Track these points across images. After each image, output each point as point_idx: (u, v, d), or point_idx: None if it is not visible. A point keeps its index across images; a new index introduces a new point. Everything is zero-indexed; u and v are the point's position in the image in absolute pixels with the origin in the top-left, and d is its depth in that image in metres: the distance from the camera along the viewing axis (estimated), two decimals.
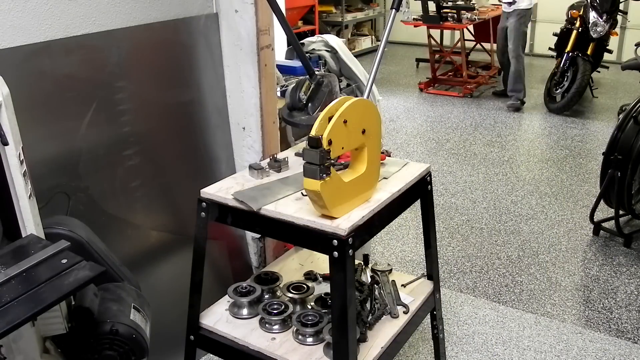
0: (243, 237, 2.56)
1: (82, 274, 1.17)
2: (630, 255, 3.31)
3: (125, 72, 2.02)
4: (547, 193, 4.11)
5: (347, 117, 1.51)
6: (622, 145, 3.25)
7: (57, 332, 1.32)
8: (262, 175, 1.91)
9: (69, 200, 1.87)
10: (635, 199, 3.41)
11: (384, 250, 3.41)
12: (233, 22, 2.28)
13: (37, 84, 1.77)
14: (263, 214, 1.69)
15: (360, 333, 1.85)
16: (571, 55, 5.69)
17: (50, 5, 1.77)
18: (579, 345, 2.57)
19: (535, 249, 3.38)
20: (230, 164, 2.49)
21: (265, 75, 2.32)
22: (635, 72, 4.38)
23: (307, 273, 2.22)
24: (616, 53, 7.32)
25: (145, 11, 2.05)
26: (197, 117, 2.33)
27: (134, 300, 1.50)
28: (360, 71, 2.84)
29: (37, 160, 1.74)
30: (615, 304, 2.88)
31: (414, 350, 2.53)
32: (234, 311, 2.01)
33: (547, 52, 6.22)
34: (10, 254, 1.22)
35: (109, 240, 1.69)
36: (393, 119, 5.80)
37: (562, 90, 5.75)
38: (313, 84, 2.02)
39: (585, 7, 5.77)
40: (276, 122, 2.45)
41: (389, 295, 2.08)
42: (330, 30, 8.01)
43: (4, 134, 1.20)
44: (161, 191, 2.23)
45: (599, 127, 5.48)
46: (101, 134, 1.97)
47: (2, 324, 1.02)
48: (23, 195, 1.28)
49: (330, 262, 1.58)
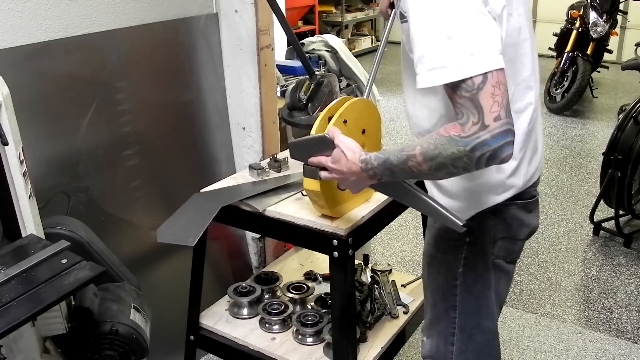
0: (243, 237, 2.56)
1: (82, 274, 1.17)
2: (630, 255, 3.31)
3: (125, 72, 2.02)
4: (547, 193, 4.11)
5: (347, 117, 1.50)
6: (622, 145, 3.25)
7: (57, 332, 1.32)
8: (262, 175, 1.91)
9: (69, 200, 1.87)
10: (635, 199, 3.41)
11: (384, 250, 3.41)
12: (233, 22, 2.28)
13: (37, 84, 1.77)
14: (263, 214, 1.69)
15: (360, 333, 1.85)
16: (571, 55, 5.69)
17: (50, 5, 1.77)
18: (579, 345, 2.57)
19: (535, 249, 3.38)
20: (230, 164, 2.49)
21: (265, 75, 2.32)
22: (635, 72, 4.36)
23: (307, 273, 2.22)
24: (616, 53, 7.31)
25: (145, 11, 2.05)
26: (197, 117, 2.33)
27: (134, 300, 1.50)
28: (360, 71, 2.84)
29: (37, 160, 1.74)
30: (615, 304, 2.88)
31: (414, 350, 2.53)
32: (234, 311, 2.01)
33: (547, 52, 6.22)
34: (10, 254, 1.22)
35: (109, 240, 1.69)
36: (393, 119, 5.79)
37: (562, 90, 5.75)
38: (313, 84, 2.02)
39: (585, 7, 5.76)
40: (276, 122, 2.45)
41: (389, 295, 2.08)
42: (330, 30, 8.00)
43: (4, 134, 1.20)
44: (161, 191, 2.23)
45: (599, 127, 5.48)
46: (101, 134, 1.97)
47: (2, 324, 1.02)
48: (23, 195, 1.28)
49: (330, 262, 1.58)
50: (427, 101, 1.31)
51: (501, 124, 1.06)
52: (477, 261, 1.41)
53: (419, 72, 1.12)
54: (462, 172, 1.13)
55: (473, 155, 1.07)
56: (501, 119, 1.06)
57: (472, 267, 1.41)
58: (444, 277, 1.45)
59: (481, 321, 1.46)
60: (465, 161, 1.08)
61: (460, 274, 1.41)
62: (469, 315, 1.45)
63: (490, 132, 1.06)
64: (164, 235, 1.64)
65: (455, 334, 1.47)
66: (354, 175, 1.29)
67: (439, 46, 1.08)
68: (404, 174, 1.21)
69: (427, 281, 1.52)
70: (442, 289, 1.46)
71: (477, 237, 1.39)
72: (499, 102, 1.06)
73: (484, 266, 1.42)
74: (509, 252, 1.44)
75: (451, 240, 1.40)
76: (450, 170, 1.12)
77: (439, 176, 1.18)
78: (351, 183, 1.33)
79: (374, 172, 1.24)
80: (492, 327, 1.49)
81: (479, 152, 1.06)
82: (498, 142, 1.06)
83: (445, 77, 1.08)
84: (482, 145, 1.06)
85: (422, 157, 1.13)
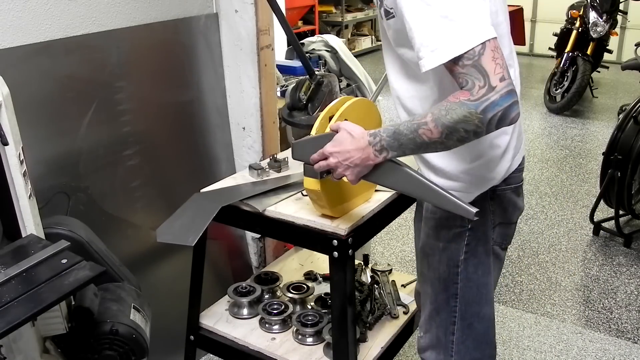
0: (243, 237, 2.56)
1: (82, 274, 1.17)
2: (630, 255, 3.31)
3: (125, 72, 2.02)
4: (547, 193, 4.11)
5: (347, 117, 1.50)
6: (622, 145, 3.25)
7: (57, 332, 1.32)
8: (262, 175, 1.91)
9: (69, 200, 1.87)
10: (635, 199, 3.41)
11: (384, 250, 3.41)
12: (233, 22, 2.28)
13: (37, 84, 1.77)
14: (263, 214, 1.69)
15: (360, 333, 1.85)
16: (571, 55, 5.69)
17: (50, 6, 1.77)
18: (579, 345, 2.57)
19: (535, 249, 3.38)
20: (230, 164, 2.49)
21: (265, 75, 2.32)
22: (635, 72, 4.36)
23: (307, 273, 2.22)
24: (616, 53, 7.31)
25: (145, 11, 2.05)
26: (197, 117, 2.33)
27: (134, 300, 1.50)
28: (360, 71, 2.84)
29: (37, 160, 1.74)
30: (615, 304, 2.88)
31: (413, 350, 2.53)
32: (234, 311, 2.01)
33: (547, 52, 6.22)
34: (10, 254, 1.22)
35: (109, 240, 1.69)
36: (393, 119, 5.78)
37: (562, 90, 5.75)
38: (313, 84, 2.02)
39: (585, 7, 5.76)
40: (276, 122, 2.45)
41: (389, 295, 2.08)
42: (330, 30, 8.00)
43: (4, 134, 1.20)
44: (161, 191, 2.23)
45: (599, 127, 5.48)
46: (101, 134, 1.97)
47: (2, 324, 1.02)
48: (23, 195, 1.28)
49: (330, 262, 1.58)
50: (416, 92, 1.35)
51: (507, 83, 1.12)
52: (478, 247, 1.44)
53: (422, 56, 1.16)
54: (472, 137, 1.17)
55: (485, 117, 1.12)
56: (505, 79, 1.12)
57: (473, 253, 1.44)
58: (445, 266, 1.47)
59: (481, 309, 1.49)
60: (477, 124, 1.13)
61: (462, 261, 1.45)
62: (470, 304, 1.48)
63: (498, 93, 1.11)
64: (164, 235, 1.64)
65: (456, 322, 1.49)
66: (358, 152, 1.29)
67: (437, 26, 1.13)
68: (414, 145, 1.22)
69: (426, 274, 1.54)
70: (443, 278, 1.48)
71: (479, 224, 1.41)
72: (501, 65, 1.12)
73: (484, 252, 1.46)
74: (504, 237, 1.50)
75: (453, 227, 1.44)
76: (461, 136, 1.16)
77: (449, 144, 1.20)
78: (352, 165, 1.30)
79: (381, 145, 1.26)
80: (490, 315, 1.52)
81: (490, 113, 1.12)
82: (507, 101, 1.12)
83: (448, 53, 1.13)
84: (493, 105, 1.11)
85: (434, 123, 1.16)
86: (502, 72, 1.12)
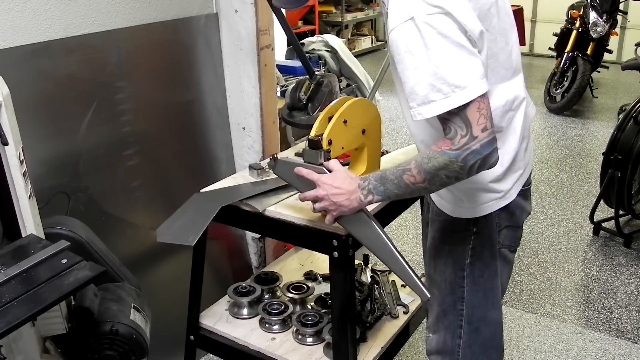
0: (243, 237, 2.56)
1: (82, 274, 1.17)
2: (630, 255, 3.31)
3: (125, 72, 2.02)
4: (547, 193, 4.11)
5: (347, 117, 1.51)
6: (622, 145, 3.25)
7: (57, 332, 1.32)
8: (262, 175, 1.91)
9: (69, 200, 1.87)
10: (635, 199, 3.41)
11: None
12: (233, 22, 2.28)
13: (37, 84, 1.77)
14: (263, 214, 1.69)
15: (360, 333, 1.85)
16: (571, 55, 5.68)
17: (50, 5, 1.77)
18: (579, 345, 2.57)
19: (535, 249, 3.38)
20: (230, 164, 2.49)
21: (265, 75, 2.32)
22: (635, 72, 4.36)
23: (307, 273, 2.22)
24: (616, 53, 7.31)
25: (145, 11, 2.05)
26: (197, 117, 2.33)
27: (134, 300, 1.50)
28: (360, 71, 2.84)
29: (37, 160, 1.74)
30: (615, 304, 2.88)
31: (413, 350, 2.53)
32: (234, 311, 2.01)
33: (547, 52, 6.21)
34: (10, 254, 1.22)
35: (109, 240, 1.69)
36: (393, 119, 5.79)
37: (562, 90, 5.75)
38: (313, 84, 2.02)
39: (585, 7, 5.76)
40: (276, 122, 2.45)
41: (389, 295, 2.08)
42: (330, 30, 8.00)
43: (4, 134, 1.20)
44: (161, 191, 2.23)
45: (599, 127, 5.48)
46: (101, 134, 1.97)
47: (2, 324, 1.02)
48: (23, 195, 1.28)
49: (330, 262, 1.59)
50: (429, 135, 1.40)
51: (488, 133, 1.18)
52: (484, 251, 1.45)
53: (411, 106, 1.22)
54: (454, 181, 1.23)
55: (466, 165, 1.19)
56: (487, 129, 1.18)
57: (479, 257, 1.45)
58: (451, 269, 1.49)
59: (487, 313, 1.50)
60: (458, 170, 1.19)
61: (468, 265, 1.46)
62: (476, 308, 1.49)
63: (479, 142, 1.17)
64: (164, 235, 1.64)
65: (462, 326, 1.50)
66: (347, 194, 1.34)
67: (426, 83, 1.18)
68: (398, 189, 1.28)
69: (433, 276, 1.56)
70: (450, 281, 1.50)
71: (483, 227, 1.43)
72: (485, 115, 1.18)
73: (490, 255, 1.46)
74: (512, 240, 1.51)
75: (458, 231, 1.46)
76: (443, 181, 1.23)
77: (432, 189, 1.28)
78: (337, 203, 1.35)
79: (369, 188, 1.32)
80: (498, 318, 1.53)
81: (471, 160, 1.18)
82: (487, 149, 1.18)
83: (435, 110, 1.19)
84: (474, 154, 1.18)
85: (417, 169, 1.23)
86: (485, 122, 1.17)
